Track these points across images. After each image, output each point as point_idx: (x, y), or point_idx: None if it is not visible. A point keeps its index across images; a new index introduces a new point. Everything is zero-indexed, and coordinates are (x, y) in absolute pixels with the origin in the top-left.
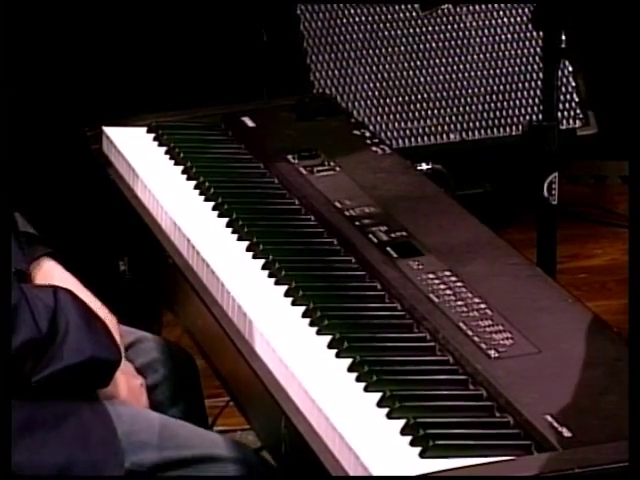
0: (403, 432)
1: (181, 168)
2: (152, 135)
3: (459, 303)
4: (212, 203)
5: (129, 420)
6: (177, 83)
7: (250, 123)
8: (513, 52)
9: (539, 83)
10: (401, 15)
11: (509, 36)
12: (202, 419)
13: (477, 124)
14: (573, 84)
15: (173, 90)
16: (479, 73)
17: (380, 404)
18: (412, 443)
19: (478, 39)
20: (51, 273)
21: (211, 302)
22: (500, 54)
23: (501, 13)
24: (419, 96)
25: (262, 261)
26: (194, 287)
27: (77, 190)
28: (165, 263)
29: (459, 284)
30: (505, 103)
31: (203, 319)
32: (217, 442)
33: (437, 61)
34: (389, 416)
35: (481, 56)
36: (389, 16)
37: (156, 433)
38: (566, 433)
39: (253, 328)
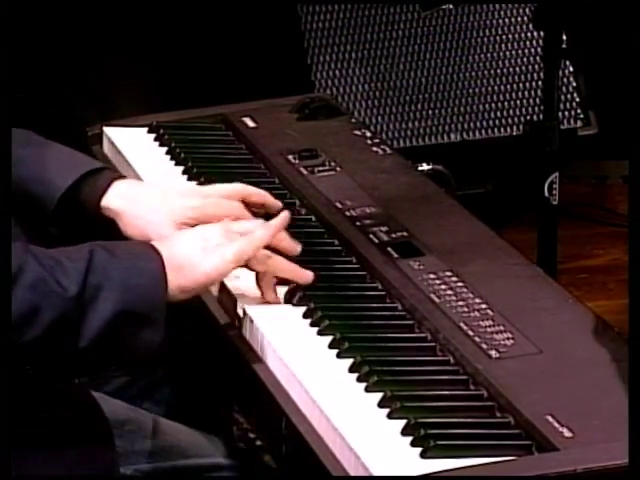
0: (404, 432)
1: (182, 168)
2: (153, 135)
3: (460, 303)
4: None
5: (125, 424)
6: (177, 83)
7: (251, 123)
8: (514, 52)
9: (540, 83)
10: (402, 15)
11: (510, 36)
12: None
13: (478, 124)
14: (574, 84)
15: (173, 90)
16: (480, 73)
17: (381, 404)
18: (413, 443)
19: (479, 39)
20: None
21: (211, 302)
22: (501, 54)
23: (502, 13)
24: (420, 96)
25: None
26: None
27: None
28: None
29: (460, 284)
30: (506, 103)
31: None
32: (215, 448)
33: (438, 61)
34: (390, 416)
35: (482, 56)
36: (390, 16)
37: (150, 441)
38: (567, 433)
39: (254, 328)
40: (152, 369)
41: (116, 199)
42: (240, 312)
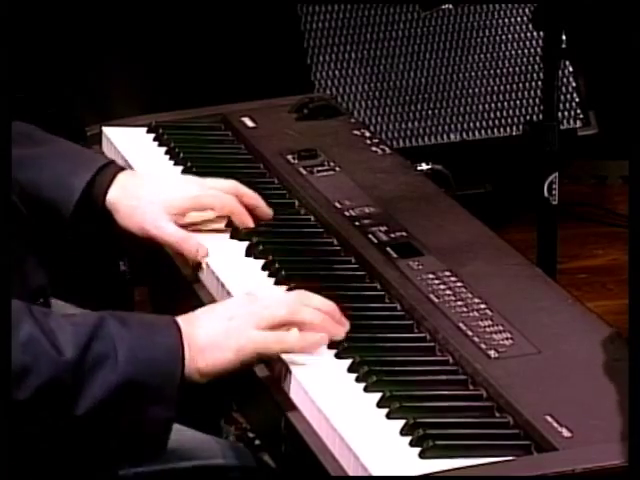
0: (403, 432)
1: (181, 168)
2: (152, 135)
3: (459, 303)
4: None
5: None
6: (177, 83)
7: (250, 123)
8: (513, 52)
9: (539, 83)
10: (401, 15)
11: (509, 36)
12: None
13: (477, 124)
14: (573, 84)
15: (173, 90)
16: (479, 73)
17: (380, 404)
18: (412, 443)
19: (478, 39)
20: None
21: (211, 302)
22: (500, 54)
23: (501, 13)
24: (419, 96)
25: (262, 261)
26: (194, 287)
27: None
28: (165, 263)
29: (459, 284)
30: (505, 103)
31: None
32: (217, 449)
33: (437, 61)
34: (389, 416)
35: (481, 56)
36: (389, 16)
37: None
38: (566, 433)
39: None
40: None
41: (114, 191)
42: None
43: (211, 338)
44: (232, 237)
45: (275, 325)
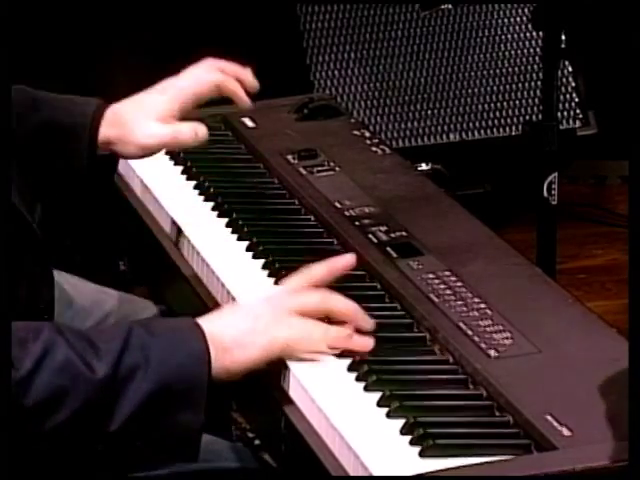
0: (403, 432)
1: (181, 168)
2: None
3: (459, 303)
4: (212, 203)
5: None
6: None
7: (250, 123)
8: (513, 52)
9: (539, 83)
10: (401, 15)
11: (509, 36)
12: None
13: (477, 124)
14: (573, 84)
15: None
16: (479, 73)
17: (380, 404)
18: (412, 442)
19: (478, 39)
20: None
21: (211, 301)
22: (500, 54)
23: (501, 13)
24: (419, 96)
25: (262, 261)
26: (194, 287)
27: (76, 190)
28: (165, 263)
29: (459, 284)
30: (505, 103)
31: None
32: (217, 450)
33: (437, 61)
34: (389, 416)
35: (481, 56)
36: (389, 16)
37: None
38: (566, 432)
39: None
40: None
41: (104, 128)
42: None
43: (237, 337)
44: (233, 233)
45: (306, 312)
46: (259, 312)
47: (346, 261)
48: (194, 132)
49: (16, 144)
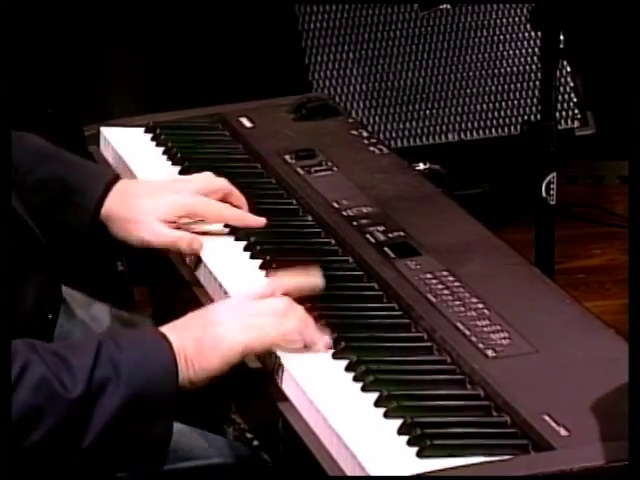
0: (400, 432)
1: (179, 168)
2: (150, 135)
3: (457, 303)
4: None
5: None
6: (174, 83)
7: (248, 123)
8: (511, 52)
9: (537, 83)
10: (399, 15)
11: (507, 36)
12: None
13: (475, 124)
14: (571, 84)
15: (170, 90)
16: (477, 73)
17: (377, 404)
18: (409, 443)
19: (476, 39)
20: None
21: (208, 302)
22: (498, 54)
23: (499, 13)
24: (417, 96)
25: (260, 261)
26: (192, 287)
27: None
28: (163, 263)
29: (457, 284)
30: (503, 103)
31: None
32: (218, 448)
33: (435, 61)
34: (386, 416)
35: (479, 56)
36: (387, 16)
37: None
38: (563, 433)
39: None
40: None
41: (108, 203)
42: None
43: (198, 348)
44: (231, 233)
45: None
46: (217, 319)
47: (315, 282)
48: (190, 245)
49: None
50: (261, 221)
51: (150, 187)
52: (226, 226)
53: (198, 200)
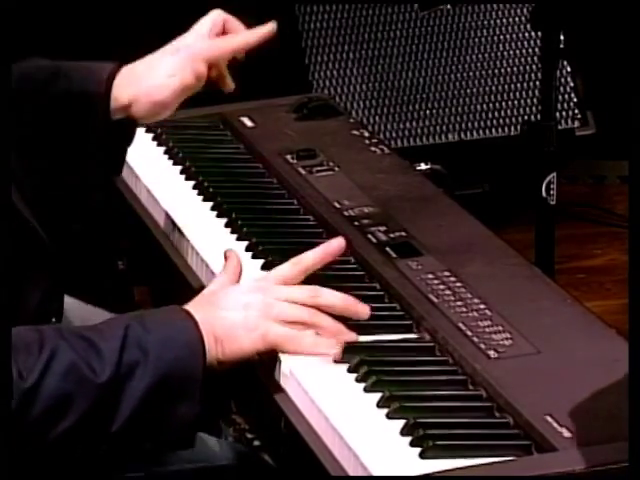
0: (403, 432)
1: (180, 168)
2: (151, 135)
3: (458, 303)
4: (211, 203)
5: None
6: None
7: (249, 123)
8: (511, 52)
9: (537, 83)
10: (400, 15)
11: (507, 36)
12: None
13: (476, 124)
14: (571, 84)
15: None
16: (477, 73)
17: (380, 404)
18: (412, 443)
19: (476, 39)
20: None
21: None
22: (498, 54)
23: (499, 13)
24: (418, 96)
25: (261, 261)
26: (192, 287)
27: (75, 189)
28: (163, 263)
29: (458, 284)
30: (504, 103)
31: None
32: (219, 449)
33: (435, 61)
34: (389, 416)
35: (479, 56)
36: (387, 16)
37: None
38: (566, 433)
39: None
40: None
41: (116, 89)
42: None
43: (229, 328)
44: (232, 233)
45: (292, 322)
46: (248, 302)
47: (336, 246)
48: (196, 77)
49: (34, 119)
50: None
51: (149, 60)
52: (226, 226)
53: (196, 56)
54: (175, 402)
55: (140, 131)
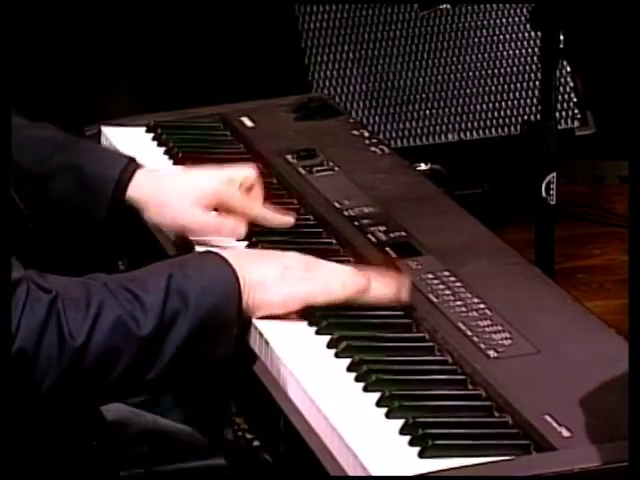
0: (402, 432)
1: (180, 168)
2: (151, 135)
3: (458, 303)
4: None
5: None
6: (175, 82)
7: (249, 123)
8: (511, 52)
9: (537, 83)
10: (399, 15)
11: (507, 36)
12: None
13: (475, 124)
14: (571, 84)
15: (171, 89)
16: (477, 73)
17: (379, 404)
18: (411, 443)
19: (476, 39)
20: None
21: None
22: (498, 54)
23: (499, 13)
24: (417, 96)
25: None
26: None
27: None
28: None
29: (458, 284)
30: (503, 103)
31: None
32: (219, 449)
33: (435, 61)
34: (388, 416)
35: (479, 56)
36: (387, 16)
37: (151, 444)
38: (565, 433)
39: (251, 328)
40: None
41: (140, 189)
42: None
43: (262, 280)
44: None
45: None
46: (290, 265)
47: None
48: (233, 231)
49: (35, 182)
50: (288, 220)
51: (179, 173)
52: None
53: (230, 191)
54: (211, 347)
55: (140, 131)
